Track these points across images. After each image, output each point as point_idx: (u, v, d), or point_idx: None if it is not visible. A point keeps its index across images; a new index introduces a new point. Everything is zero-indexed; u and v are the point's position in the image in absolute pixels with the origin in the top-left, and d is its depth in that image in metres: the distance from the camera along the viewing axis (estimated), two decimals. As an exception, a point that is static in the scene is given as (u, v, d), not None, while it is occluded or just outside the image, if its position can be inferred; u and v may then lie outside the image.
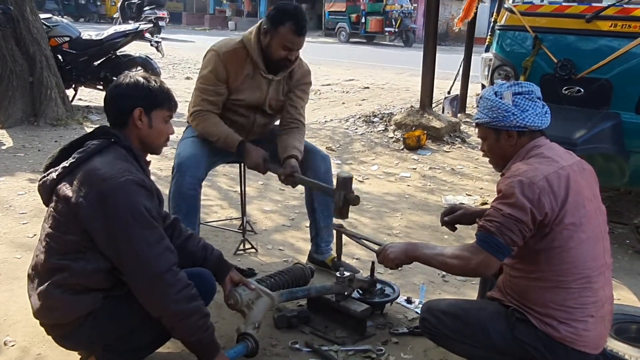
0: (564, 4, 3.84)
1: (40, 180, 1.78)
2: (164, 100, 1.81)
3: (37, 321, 1.80)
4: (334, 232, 2.42)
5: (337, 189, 2.33)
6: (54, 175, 1.72)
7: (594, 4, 3.65)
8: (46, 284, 1.69)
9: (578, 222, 1.62)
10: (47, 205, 1.77)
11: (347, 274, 2.26)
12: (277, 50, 2.48)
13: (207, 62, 2.57)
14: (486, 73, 3.78)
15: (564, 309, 1.63)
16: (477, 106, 1.86)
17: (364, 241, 2.19)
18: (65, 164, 1.72)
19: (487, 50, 3.92)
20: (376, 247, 2.02)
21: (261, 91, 2.60)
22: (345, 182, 2.32)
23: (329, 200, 2.78)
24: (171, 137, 1.90)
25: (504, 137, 1.75)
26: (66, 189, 1.66)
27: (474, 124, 1.88)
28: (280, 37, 2.44)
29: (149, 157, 1.88)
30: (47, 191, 1.74)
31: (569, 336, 1.63)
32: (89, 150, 1.71)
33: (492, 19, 4.01)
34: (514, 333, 1.70)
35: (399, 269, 1.95)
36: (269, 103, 2.65)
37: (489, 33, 4.05)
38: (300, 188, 2.85)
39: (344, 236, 2.37)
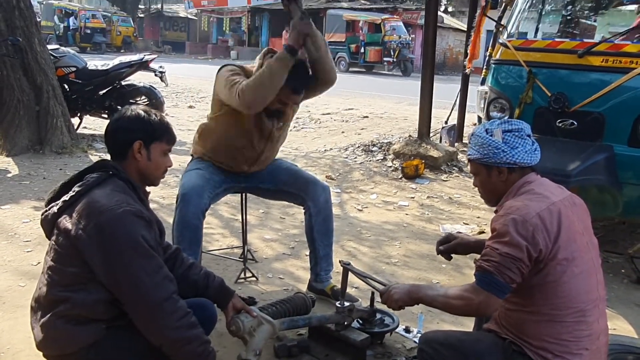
0: (556, 39, 3.96)
1: (42, 214, 1.81)
2: (163, 133, 1.86)
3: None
4: (341, 268, 2.45)
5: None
6: (55, 209, 1.76)
7: (585, 40, 3.77)
8: (48, 315, 1.71)
9: (571, 257, 1.65)
10: (49, 239, 1.80)
11: (347, 304, 2.30)
12: (272, 102, 2.49)
13: (222, 71, 2.58)
14: (482, 105, 3.87)
15: (559, 342, 1.65)
16: (469, 143, 1.93)
17: (370, 280, 2.22)
18: (65, 197, 1.75)
19: (482, 83, 4.02)
20: (381, 287, 2.05)
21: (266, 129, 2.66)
22: None
23: (329, 230, 2.85)
24: (174, 166, 1.96)
25: (494, 173, 1.81)
26: (66, 222, 1.70)
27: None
28: (279, 91, 2.45)
29: (148, 188, 1.92)
30: (49, 225, 1.78)
31: (565, 369, 1.65)
32: (88, 183, 1.75)
33: (487, 53, 4.12)
34: (511, 366, 1.72)
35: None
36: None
37: (485, 66, 4.16)
38: (300, 217, 2.90)
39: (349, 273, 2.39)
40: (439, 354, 1.86)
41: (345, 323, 2.29)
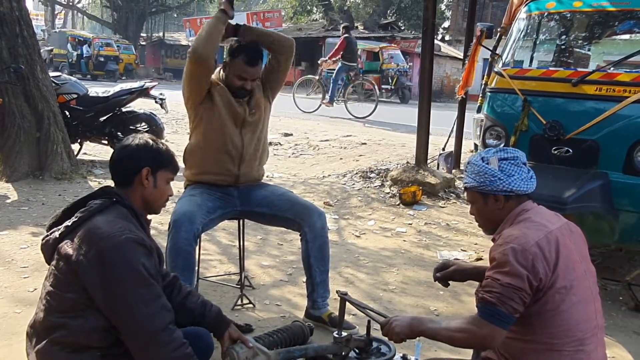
0: (551, 68, 4.03)
1: (43, 239, 1.83)
2: (169, 162, 1.91)
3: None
4: (338, 298, 2.43)
5: None
6: (56, 234, 1.77)
7: (579, 69, 3.84)
8: (44, 342, 1.71)
9: (569, 285, 1.66)
10: (49, 264, 1.80)
11: (344, 333, 2.28)
12: (233, 80, 2.76)
13: None
14: (478, 133, 3.91)
15: None
16: (465, 170, 1.95)
17: (368, 311, 2.20)
18: (67, 223, 1.76)
19: (478, 111, 4.07)
20: (380, 319, 2.03)
21: (241, 108, 2.80)
22: None
23: (325, 256, 2.85)
24: (174, 193, 1.99)
25: (491, 201, 1.82)
26: (67, 247, 1.71)
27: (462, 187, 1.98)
28: (235, 67, 2.73)
29: (149, 216, 1.94)
30: (50, 250, 1.79)
31: (564, 398, 1.64)
32: (91, 209, 1.77)
33: (483, 82, 4.19)
34: (509, 394, 1.71)
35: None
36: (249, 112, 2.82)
37: (481, 95, 4.22)
38: (298, 243, 2.90)
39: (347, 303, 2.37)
40: (436, 382, 1.85)
41: (343, 354, 2.27)
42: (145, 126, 6.60)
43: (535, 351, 1.68)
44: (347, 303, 2.29)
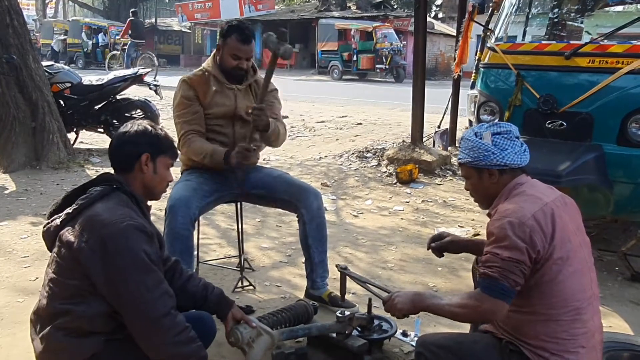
0: (543, 42, 4.02)
1: (44, 226, 1.84)
2: (168, 148, 1.91)
3: (39, 366, 1.83)
4: (337, 274, 2.47)
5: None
6: (57, 221, 1.78)
7: (572, 42, 3.83)
8: (48, 328, 1.73)
9: (565, 256, 1.68)
10: (50, 251, 1.82)
11: (347, 312, 2.31)
12: (228, 60, 2.80)
13: (177, 90, 2.88)
14: (472, 109, 3.91)
15: (556, 341, 1.68)
16: (459, 146, 1.96)
17: (369, 285, 2.22)
18: (68, 210, 1.77)
19: (472, 87, 4.06)
20: (382, 293, 2.04)
21: (230, 100, 2.83)
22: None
23: (323, 236, 2.87)
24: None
25: (485, 175, 1.83)
26: (69, 235, 1.72)
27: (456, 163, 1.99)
28: (229, 47, 2.78)
29: (149, 202, 1.95)
30: (51, 237, 1.80)
31: (562, 368, 1.67)
32: (92, 196, 1.77)
33: (476, 58, 4.17)
34: (509, 365, 1.74)
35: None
36: (244, 110, 2.82)
37: (474, 71, 4.21)
38: (297, 224, 2.92)
39: (348, 278, 2.41)
40: (436, 356, 1.87)
41: (347, 332, 2.30)
42: (141, 113, 6.57)
43: (534, 322, 1.71)
44: (348, 278, 2.33)
